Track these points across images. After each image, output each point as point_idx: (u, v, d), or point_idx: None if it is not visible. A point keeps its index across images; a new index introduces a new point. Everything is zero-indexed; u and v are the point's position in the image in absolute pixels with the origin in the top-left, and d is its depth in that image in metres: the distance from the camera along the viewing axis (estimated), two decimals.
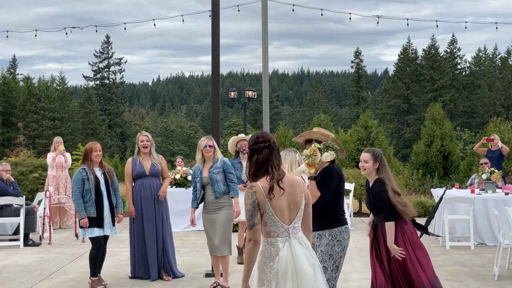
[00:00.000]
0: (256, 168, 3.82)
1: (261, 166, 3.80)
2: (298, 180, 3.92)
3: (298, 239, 3.83)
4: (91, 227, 7.18)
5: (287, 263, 3.71)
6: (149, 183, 7.76)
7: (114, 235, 7.65)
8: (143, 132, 8.01)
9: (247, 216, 3.73)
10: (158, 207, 7.78)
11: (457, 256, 9.24)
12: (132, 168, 7.78)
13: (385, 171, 5.44)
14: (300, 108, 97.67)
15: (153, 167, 7.79)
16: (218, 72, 8.60)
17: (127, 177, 7.83)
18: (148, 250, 7.67)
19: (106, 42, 71.70)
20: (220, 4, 8.71)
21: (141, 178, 7.77)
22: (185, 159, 14.80)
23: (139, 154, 7.85)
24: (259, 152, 3.82)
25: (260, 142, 3.85)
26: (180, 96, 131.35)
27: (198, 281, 7.70)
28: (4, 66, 73.79)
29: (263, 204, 3.73)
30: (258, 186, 3.74)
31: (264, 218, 3.76)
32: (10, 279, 7.90)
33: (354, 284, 7.52)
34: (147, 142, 7.80)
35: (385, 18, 14.60)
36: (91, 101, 65.50)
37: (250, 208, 3.71)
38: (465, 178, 19.45)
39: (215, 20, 8.56)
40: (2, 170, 10.85)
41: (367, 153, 5.51)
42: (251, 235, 3.70)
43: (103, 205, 7.28)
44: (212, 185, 7.18)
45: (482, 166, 11.32)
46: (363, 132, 23.11)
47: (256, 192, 3.72)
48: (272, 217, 3.75)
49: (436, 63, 68.41)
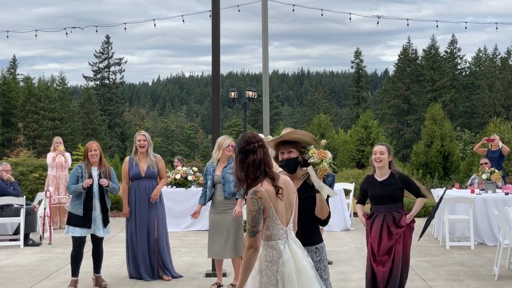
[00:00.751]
0: (253, 169, 3.68)
1: (258, 166, 3.68)
2: (289, 179, 3.87)
3: (293, 239, 3.80)
4: (75, 226, 7.15)
5: (291, 266, 3.66)
6: (144, 185, 7.73)
7: (107, 235, 7.61)
8: (140, 132, 7.98)
9: (251, 223, 3.58)
10: (152, 209, 7.75)
11: (457, 256, 9.24)
12: (128, 168, 7.77)
13: (395, 164, 6.00)
14: (300, 108, 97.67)
15: (149, 168, 7.75)
16: (218, 72, 8.58)
17: (124, 177, 7.82)
18: (139, 252, 7.68)
19: (106, 42, 71.72)
20: (220, 4, 8.71)
21: (137, 179, 7.75)
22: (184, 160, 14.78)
23: (136, 153, 7.82)
24: (254, 152, 3.71)
25: (254, 142, 3.74)
26: (180, 96, 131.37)
27: (198, 281, 7.70)
28: (4, 66, 73.91)
29: (267, 208, 3.63)
30: (262, 191, 3.62)
31: (266, 222, 3.66)
32: (10, 279, 7.90)
33: (354, 284, 7.52)
34: (144, 142, 7.76)
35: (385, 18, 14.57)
36: (91, 101, 65.50)
37: (256, 215, 3.57)
38: (465, 178, 19.43)
39: (215, 20, 8.56)
40: (3, 170, 10.85)
41: (383, 145, 5.94)
42: (252, 243, 3.57)
43: (92, 206, 7.22)
44: (223, 185, 7.14)
45: (482, 166, 11.32)
46: (363, 132, 23.14)
47: (262, 198, 3.60)
48: (275, 221, 3.67)
49: (436, 63, 68.40)
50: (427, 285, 7.42)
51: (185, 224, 12.02)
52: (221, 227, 7.20)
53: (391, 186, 5.86)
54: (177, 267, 8.22)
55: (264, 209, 3.63)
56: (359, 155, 23.72)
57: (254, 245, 3.58)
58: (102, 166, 7.41)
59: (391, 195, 5.85)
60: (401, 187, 5.87)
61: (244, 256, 3.61)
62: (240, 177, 3.75)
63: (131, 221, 7.77)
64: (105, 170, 7.40)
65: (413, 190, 5.93)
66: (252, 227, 3.59)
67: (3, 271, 8.45)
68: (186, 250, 9.98)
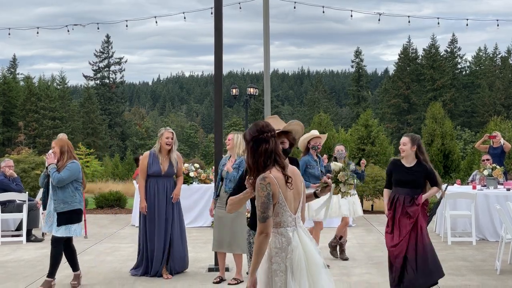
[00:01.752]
0: (265, 158, 3.72)
1: (270, 156, 3.73)
2: (296, 169, 3.94)
3: (302, 228, 3.84)
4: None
5: (300, 253, 3.70)
6: (164, 183, 7.61)
7: (72, 236, 7.05)
8: (168, 128, 7.72)
9: (261, 208, 3.62)
10: (170, 208, 7.67)
11: (459, 252, 9.27)
12: (148, 164, 7.54)
13: (423, 153, 6.50)
14: (300, 107, 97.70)
15: (171, 168, 7.60)
16: (220, 68, 8.55)
17: (142, 172, 7.58)
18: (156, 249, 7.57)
19: (106, 42, 71.76)
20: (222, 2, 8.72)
21: (156, 177, 7.58)
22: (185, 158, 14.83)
23: (160, 151, 7.60)
24: (266, 141, 3.75)
25: (266, 131, 3.78)
26: (180, 96, 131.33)
27: (201, 276, 7.73)
28: (5, 66, 73.75)
29: (276, 194, 3.67)
30: (271, 177, 3.66)
31: (276, 208, 3.69)
32: (13, 274, 7.93)
33: (356, 278, 7.55)
34: (171, 140, 7.57)
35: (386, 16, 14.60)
36: (91, 100, 65.53)
37: (265, 201, 3.62)
38: (465, 177, 19.45)
39: (218, 16, 8.55)
40: (5, 166, 10.88)
41: (406, 137, 6.53)
42: (263, 228, 3.61)
43: (46, 202, 7.06)
44: (226, 179, 7.21)
45: (484, 163, 11.34)
46: (364, 131, 23.13)
47: (270, 183, 3.64)
48: (284, 207, 3.70)
49: (436, 62, 68.44)
50: None
51: (188, 220, 12.03)
52: (224, 221, 7.23)
53: (417, 173, 6.43)
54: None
55: (273, 195, 3.66)
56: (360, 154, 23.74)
57: (265, 231, 3.61)
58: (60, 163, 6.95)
59: (415, 180, 6.41)
60: (425, 175, 6.45)
61: (256, 241, 3.64)
62: (250, 164, 3.79)
63: (150, 218, 7.56)
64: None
65: (432, 180, 6.51)
66: (262, 212, 3.63)
67: (6, 266, 8.48)
68: (188, 245, 9.97)
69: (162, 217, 7.61)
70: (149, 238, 7.63)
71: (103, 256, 9.21)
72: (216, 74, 8.58)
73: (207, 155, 61.67)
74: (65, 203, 6.88)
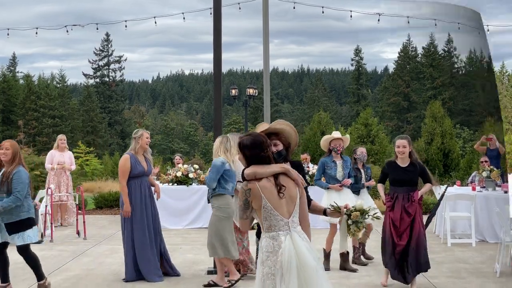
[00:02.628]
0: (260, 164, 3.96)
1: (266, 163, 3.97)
2: (293, 173, 3.98)
3: (298, 232, 3.88)
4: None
5: (290, 256, 3.75)
6: (146, 182, 7.70)
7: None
8: (144, 130, 7.99)
9: (238, 210, 3.96)
10: (154, 207, 7.74)
11: (459, 253, 9.25)
12: (132, 165, 7.56)
13: (414, 152, 7.02)
14: (300, 106, 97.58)
15: (149, 166, 7.77)
16: (220, 67, 8.55)
17: (124, 175, 7.52)
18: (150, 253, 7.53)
19: (106, 40, 71.60)
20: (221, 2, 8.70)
21: (140, 177, 7.63)
22: (184, 157, 14.80)
23: (137, 152, 7.71)
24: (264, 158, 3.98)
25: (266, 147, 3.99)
26: (180, 94, 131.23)
27: (200, 278, 7.71)
28: (4, 64, 73.71)
29: (259, 201, 3.82)
30: (255, 185, 3.83)
31: (262, 213, 3.83)
32: (12, 276, 7.88)
33: (355, 281, 7.55)
34: (149, 140, 7.85)
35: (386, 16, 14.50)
36: (91, 99, 65.42)
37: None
38: (465, 175, 19.45)
39: (217, 16, 8.53)
40: None
41: (404, 139, 6.91)
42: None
43: None
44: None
45: (482, 164, 11.34)
46: (363, 129, 23.16)
47: (251, 190, 3.82)
48: (271, 212, 3.81)
49: (436, 61, 68.38)
50: (428, 282, 7.44)
51: (187, 221, 12.05)
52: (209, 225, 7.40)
53: (412, 172, 6.89)
54: (179, 264, 8.23)
55: (255, 202, 3.84)
56: None
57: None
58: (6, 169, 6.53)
59: (412, 179, 6.90)
60: (419, 174, 6.96)
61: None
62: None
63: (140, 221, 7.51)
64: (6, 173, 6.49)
65: (426, 177, 7.05)
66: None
67: None
68: (187, 247, 9.99)
69: (149, 216, 7.62)
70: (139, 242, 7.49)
71: (102, 258, 9.18)
72: (216, 73, 8.57)
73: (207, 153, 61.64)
74: (10, 214, 6.54)
